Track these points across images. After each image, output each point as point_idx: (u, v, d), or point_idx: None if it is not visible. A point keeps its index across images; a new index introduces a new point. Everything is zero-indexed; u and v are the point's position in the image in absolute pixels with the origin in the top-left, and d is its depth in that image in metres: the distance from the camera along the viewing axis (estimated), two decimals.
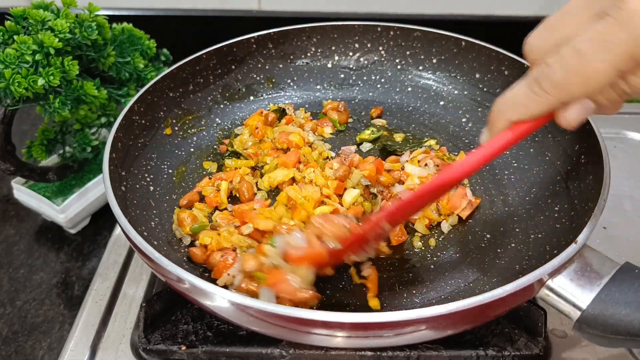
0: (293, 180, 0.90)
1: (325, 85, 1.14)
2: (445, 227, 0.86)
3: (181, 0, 1.46)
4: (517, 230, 0.85)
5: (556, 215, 0.83)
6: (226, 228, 0.81)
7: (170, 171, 0.95)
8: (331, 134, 1.04)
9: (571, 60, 0.54)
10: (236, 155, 0.99)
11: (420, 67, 1.12)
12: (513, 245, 0.83)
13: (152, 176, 0.92)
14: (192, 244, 0.83)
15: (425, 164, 0.93)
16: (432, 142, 1.01)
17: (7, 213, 1.11)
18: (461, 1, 1.44)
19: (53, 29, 0.87)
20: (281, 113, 1.06)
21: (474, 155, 0.66)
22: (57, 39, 0.85)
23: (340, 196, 0.87)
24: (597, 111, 0.60)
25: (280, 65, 1.13)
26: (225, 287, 0.73)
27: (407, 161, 0.95)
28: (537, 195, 0.89)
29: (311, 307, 0.72)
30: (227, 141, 1.01)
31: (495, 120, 0.63)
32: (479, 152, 0.65)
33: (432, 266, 0.81)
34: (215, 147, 1.02)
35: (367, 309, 0.75)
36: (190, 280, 0.64)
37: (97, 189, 1.05)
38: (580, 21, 0.55)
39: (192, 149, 1.01)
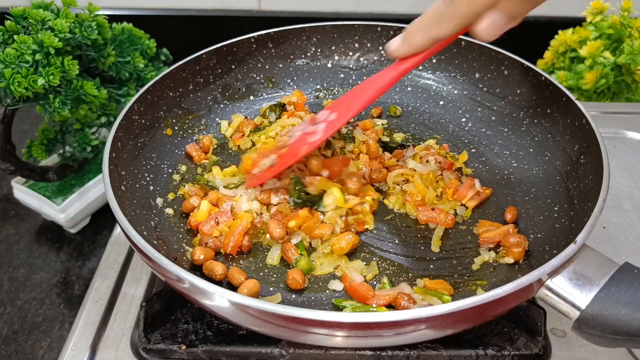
0: None
1: (325, 85, 1.14)
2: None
3: (181, 0, 1.46)
4: (517, 229, 0.85)
5: (555, 215, 0.83)
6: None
7: (170, 170, 0.95)
8: None
9: None
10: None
11: (420, 67, 1.12)
12: None
13: (151, 176, 0.92)
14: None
15: (427, 161, 0.94)
16: (432, 141, 1.01)
17: (7, 212, 1.11)
18: None
19: (53, 28, 0.87)
20: (281, 108, 1.06)
21: (395, 68, 0.75)
22: (57, 39, 0.85)
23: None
24: (509, 20, 0.64)
25: (280, 65, 1.13)
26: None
27: (410, 157, 0.96)
28: (537, 195, 0.89)
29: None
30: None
31: (415, 36, 0.68)
32: (401, 66, 0.74)
33: (431, 266, 0.81)
34: (215, 146, 1.02)
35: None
36: (190, 279, 0.64)
37: (97, 188, 1.05)
38: None
39: None
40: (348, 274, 0.78)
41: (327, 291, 0.78)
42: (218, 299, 0.63)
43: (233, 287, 0.76)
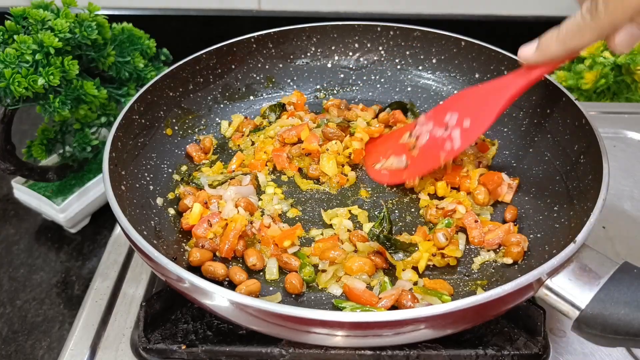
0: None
1: (325, 85, 1.14)
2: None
3: (181, 0, 1.46)
4: (517, 228, 0.85)
5: (555, 215, 0.83)
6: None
7: (170, 170, 0.95)
8: None
9: None
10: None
11: (420, 67, 1.12)
12: None
13: (151, 175, 0.92)
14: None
15: None
16: None
17: (7, 212, 1.11)
18: (461, 1, 1.44)
19: (53, 28, 0.87)
20: (281, 108, 1.06)
21: (525, 75, 0.78)
22: (57, 39, 0.85)
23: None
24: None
25: (280, 65, 1.13)
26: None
27: None
28: (537, 195, 0.89)
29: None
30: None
31: (551, 45, 0.71)
32: (532, 73, 0.77)
33: (430, 265, 0.81)
34: (215, 147, 1.02)
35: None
36: (190, 279, 0.64)
37: (97, 188, 1.05)
38: None
39: None
40: (349, 284, 0.76)
41: (327, 291, 0.78)
42: (218, 299, 0.63)
43: (234, 286, 0.76)
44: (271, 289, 0.78)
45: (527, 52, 0.75)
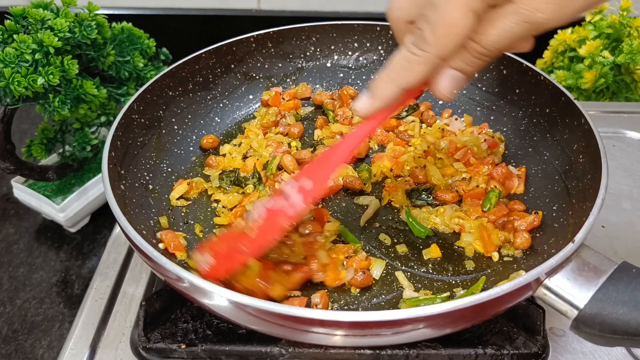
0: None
1: (324, 85, 1.14)
2: None
3: (181, 0, 1.46)
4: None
5: (554, 214, 0.83)
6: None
7: (169, 170, 0.95)
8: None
9: (433, 15, 0.58)
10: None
11: None
12: None
13: (151, 175, 0.92)
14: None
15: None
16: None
17: (7, 212, 1.11)
18: None
19: (53, 28, 0.87)
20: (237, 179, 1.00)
21: (362, 127, 0.71)
22: (56, 38, 0.85)
23: None
24: (464, 79, 0.64)
25: (280, 65, 1.13)
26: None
27: (463, 131, 1.01)
28: (535, 195, 0.89)
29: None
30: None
31: (383, 88, 0.66)
32: (368, 125, 0.71)
33: (430, 266, 0.81)
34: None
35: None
36: (189, 279, 0.64)
37: (97, 187, 1.05)
38: None
39: (191, 148, 1.01)
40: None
41: None
42: (217, 298, 0.63)
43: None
44: None
45: (363, 104, 0.68)
